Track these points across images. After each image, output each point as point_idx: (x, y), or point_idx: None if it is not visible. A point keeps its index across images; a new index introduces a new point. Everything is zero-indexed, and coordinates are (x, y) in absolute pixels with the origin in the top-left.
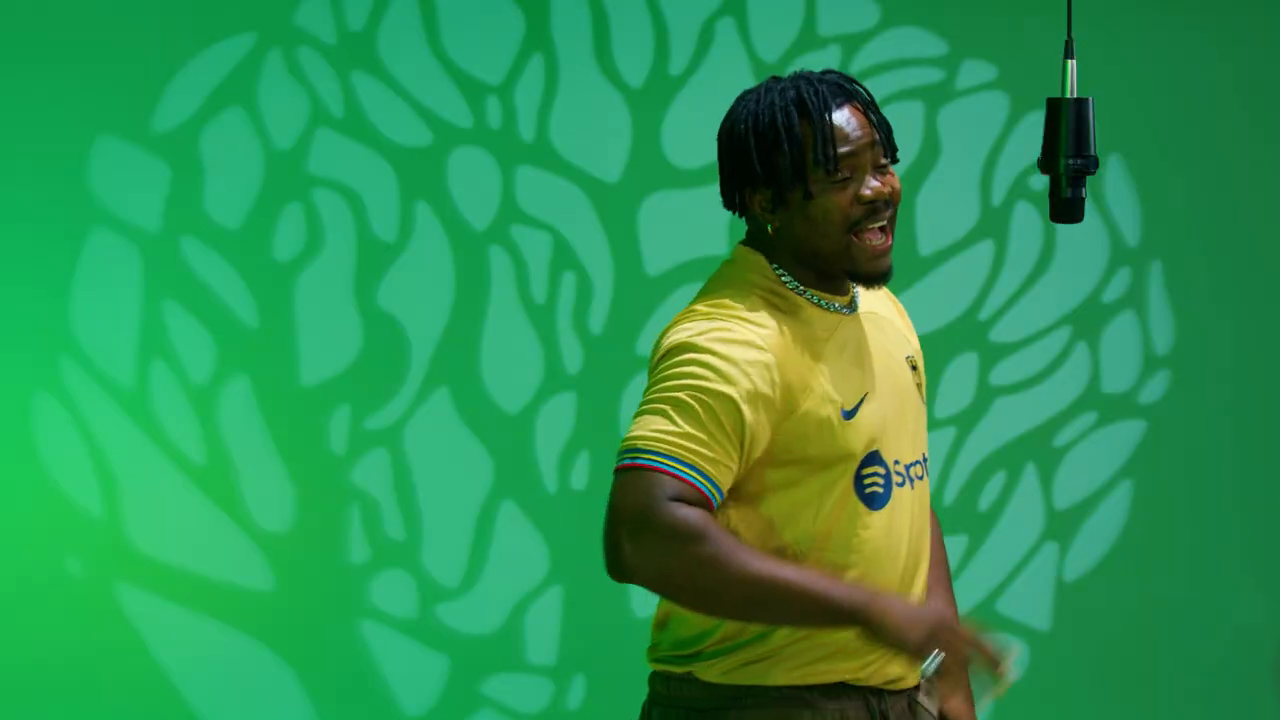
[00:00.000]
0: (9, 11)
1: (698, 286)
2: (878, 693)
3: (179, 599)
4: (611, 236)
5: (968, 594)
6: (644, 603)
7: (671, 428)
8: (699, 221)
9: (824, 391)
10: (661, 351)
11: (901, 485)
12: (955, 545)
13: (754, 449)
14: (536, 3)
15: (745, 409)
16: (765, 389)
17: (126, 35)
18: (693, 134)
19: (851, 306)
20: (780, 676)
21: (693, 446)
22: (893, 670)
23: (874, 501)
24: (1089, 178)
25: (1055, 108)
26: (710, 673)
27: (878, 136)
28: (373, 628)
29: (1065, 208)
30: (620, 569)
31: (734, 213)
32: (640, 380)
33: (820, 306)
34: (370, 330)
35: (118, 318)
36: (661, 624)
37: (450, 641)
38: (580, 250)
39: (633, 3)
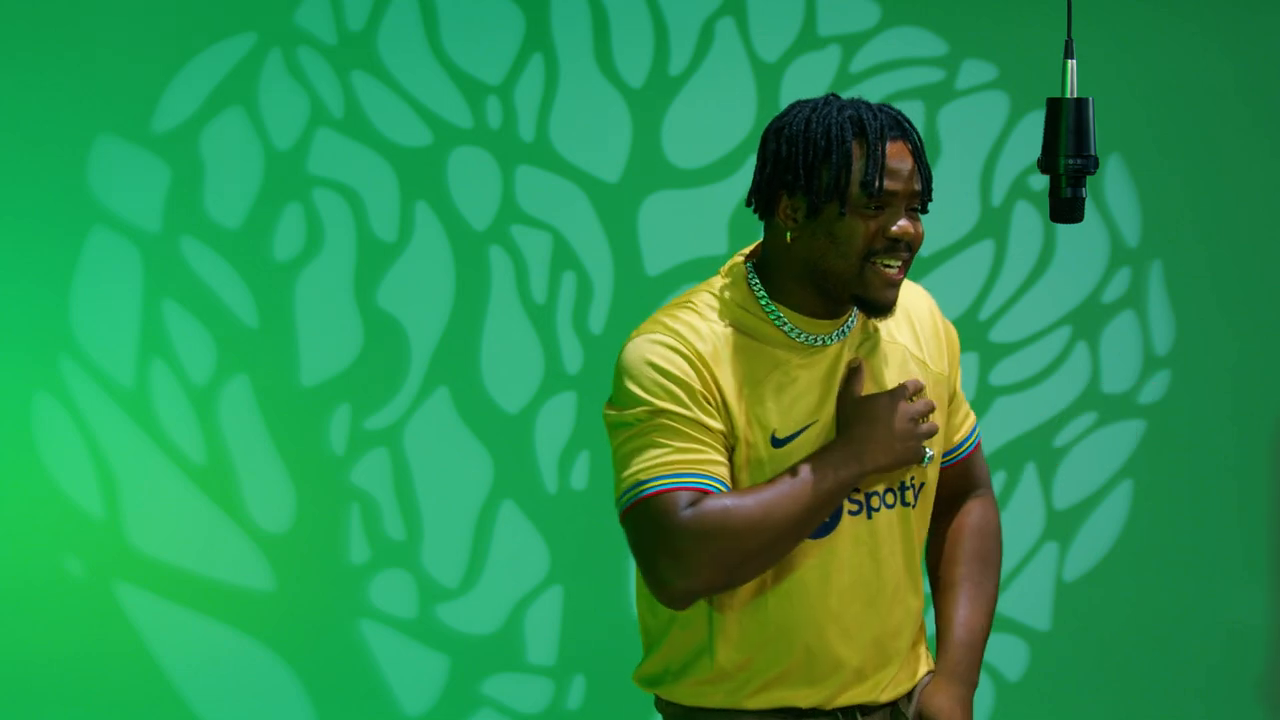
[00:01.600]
0: (9, 11)
1: None
2: (849, 712)
3: (179, 599)
4: (611, 236)
5: None
6: None
7: (658, 451)
8: (699, 221)
9: (750, 416)
10: (617, 369)
11: (856, 514)
12: None
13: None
14: (536, 3)
15: (707, 417)
16: (709, 393)
17: (126, 35)
18: (693, 134)
19: (835, 335)
20: (737, 701)
21: (684, 458)
22: (856, 698)
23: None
24: (1089, 178)
25: (1055, 108)
26: (675, 695)
27: (918, 181)
28: (373, 628)
29: (1065, 208)
30: (675, 593)
31: (755, 212)
32: None
33: (782, 331)
34: (370, 330)
35: (118, 318)
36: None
37: (450, 641)
38: (580, 250)
39: (633, 3)
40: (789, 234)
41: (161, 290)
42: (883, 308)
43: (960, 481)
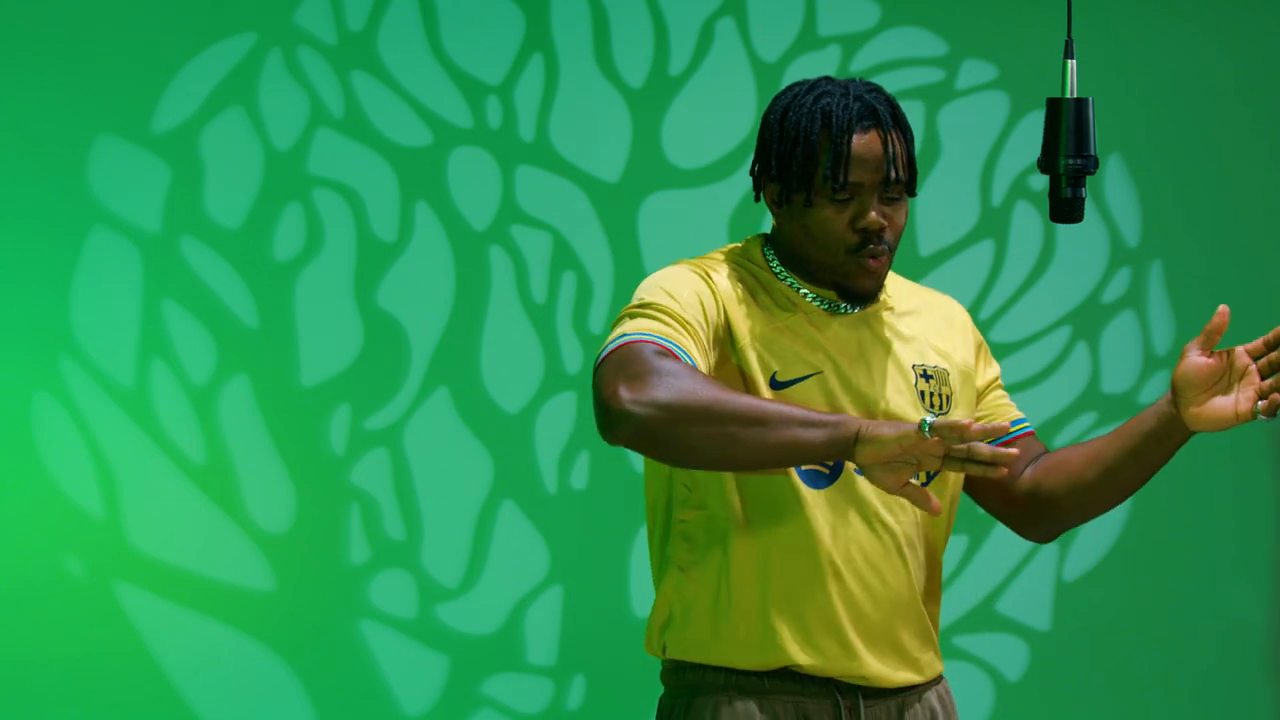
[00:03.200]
0: (9, 11)
1: None
2: (851, 692)
3: (179, 599)
4: (611, 236)
5: (968, 594)
6: (644, 602)
7: (645, 323)
8: (699, 221)
9: (757, 352)
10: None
11: (861, 473)
12: (955, 545)
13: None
14: (536, 3)
15: (701, 321)
16: (714, 313)
17: (126, 35)
18: (693, 134)
19: (847, 308)
20: (733, 659)
21: (664, 329)
22: (861, 670)
23: (812, 480)
24: (1089, 178)
25: (1055, 108)
26: (675, 646)
27: (893, 169)
28: (373, 628)
29: (1065, 208)
30: (615, 416)
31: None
32: None
33: (796, 293)
34: (370, 330)
35: (118, 318)
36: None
37: (450, 641)
38: (580, 250)
39: (633, 3)
40: (774, 218)
41: (161, 290)
42: (862, 296)
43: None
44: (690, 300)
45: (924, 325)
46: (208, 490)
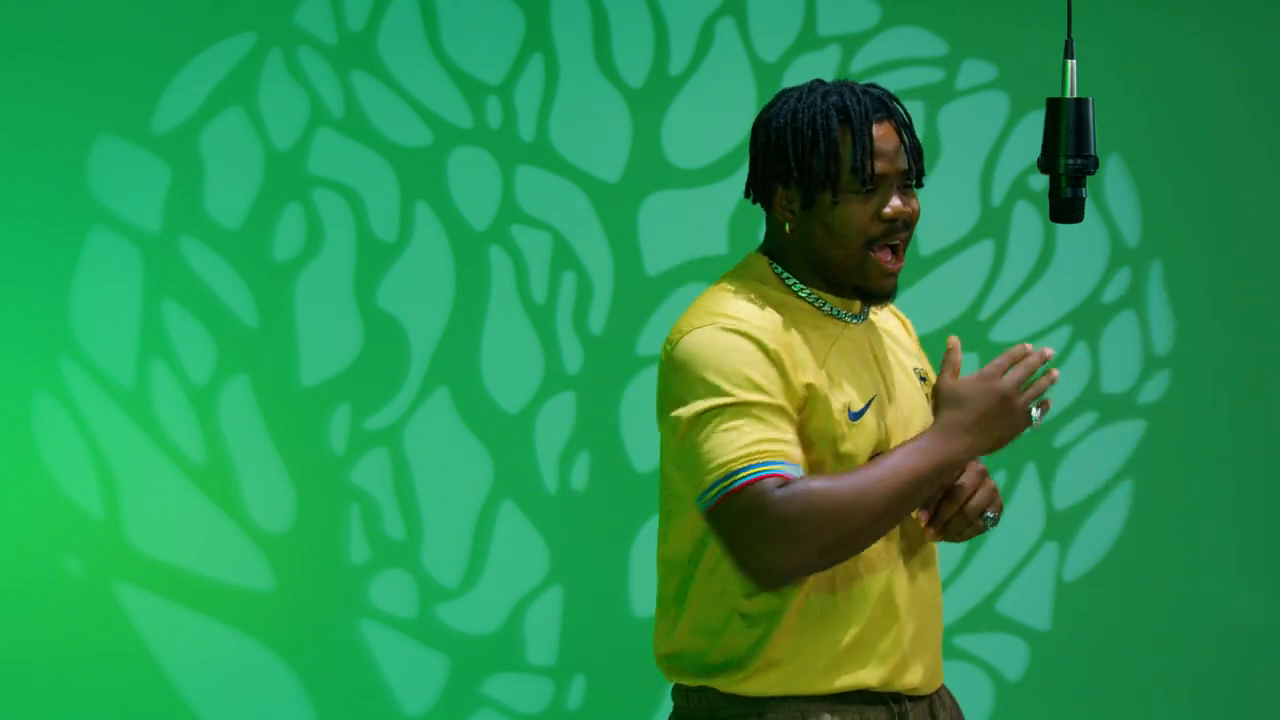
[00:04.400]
0: (9, 11)
1: (698, 286)
2: (899, 699)
3: (179, 599)
4: (611, 236)
5: (968, 594)
6: (644, 603)
7: (744, 441)
8: (699, 221)
9: (827, 389)
10: (677, 365)
11: None
12: (956, 545)
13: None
14: (536, 3)
15: (785, 400)
16: (777, 378)
17: (126, 35)
18: (693, 134)
19: (860, 315)
20: (797, 686)
21: (770, 447)
22: (910, 680)
23: None
24: (1089, 178)
25: (1055, 108)
26: (728, 684)
27: (908, 158)
28: (373, 628)
29: (1065, 208)
30: (775, 575)
31: (755, 203)
32: (641, 380)
33: (821, 310)
34: (370, 330)
35: (118, 318)
36: (670, 643)
37: (450, 641)
38: (580, 250)
39: (633, 3)
40: (787, 225)
41: (161, 290)
42: (882, 295)
43: None
44: (772, 380)
45: (895, 327)
46: (208, 490)
